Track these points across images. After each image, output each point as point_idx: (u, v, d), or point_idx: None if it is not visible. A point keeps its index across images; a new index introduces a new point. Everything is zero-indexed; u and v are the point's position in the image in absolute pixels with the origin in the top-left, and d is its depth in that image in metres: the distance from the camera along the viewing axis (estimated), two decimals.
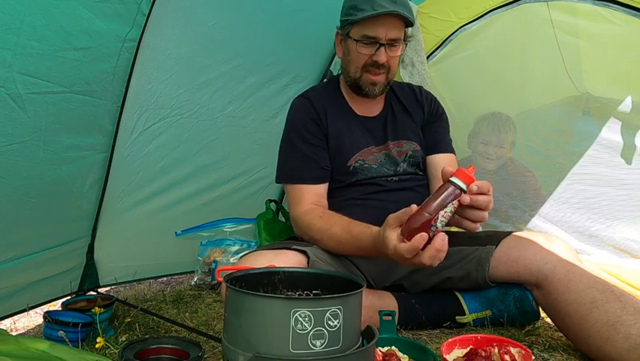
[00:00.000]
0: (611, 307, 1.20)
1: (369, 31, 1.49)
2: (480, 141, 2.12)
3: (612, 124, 1.76)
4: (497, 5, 1.96)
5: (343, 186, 1.58)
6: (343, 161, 1.57)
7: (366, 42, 1.50)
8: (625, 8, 1.66)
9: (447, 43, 2.11)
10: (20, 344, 1.05)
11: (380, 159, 1.59)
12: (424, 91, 1.73)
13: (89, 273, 2.04)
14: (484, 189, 1.09)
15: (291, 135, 1.60)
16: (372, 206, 1.54)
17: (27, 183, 1.60)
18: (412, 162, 1.61)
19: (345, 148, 1.58)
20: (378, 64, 1.51)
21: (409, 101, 1.68)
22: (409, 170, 1.60)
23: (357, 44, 1.51)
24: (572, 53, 1.79)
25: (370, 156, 1.59)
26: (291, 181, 1.57)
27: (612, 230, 1.77)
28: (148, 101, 1.93)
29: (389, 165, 1.59)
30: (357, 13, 1.48)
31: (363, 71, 1.54)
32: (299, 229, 1.53)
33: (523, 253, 1.40)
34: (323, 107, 1.61)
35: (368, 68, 1.53)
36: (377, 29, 1.48)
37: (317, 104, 1.61)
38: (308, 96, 1.65)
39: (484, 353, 1.14)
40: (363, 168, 1.57)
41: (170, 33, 1.85)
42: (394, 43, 1.51)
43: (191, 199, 2.28)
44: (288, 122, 1.64)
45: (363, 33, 1.50)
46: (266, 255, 1.33)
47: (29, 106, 1.46)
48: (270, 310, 0.89)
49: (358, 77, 1.55)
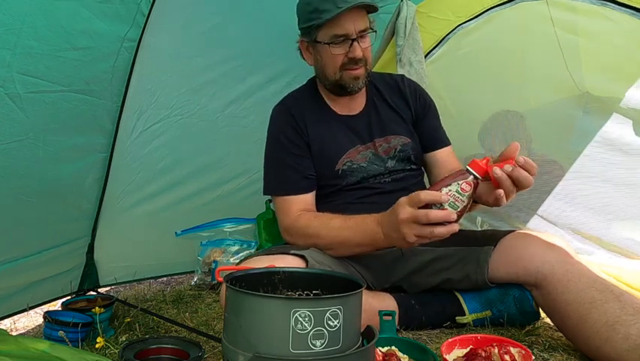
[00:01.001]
0: (610, 307, 1.19)
1: (337, 30, 1.46)
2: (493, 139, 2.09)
3: (612, 123, 1.76)
4: (495, 3, 1.95)
5: (335, 191, 1.56)
6: (331, 165, 1.55)
7: (338, 41, 1.47)
8: (623, 8, 1.65)
9: (445, 42, 2.11)
10: (20, 344, 1.05)
11: (368, 156, 1.57)
12: (406, 80, 1.70)
13: (89, 273, 2.04)
14: (529, 166, 1.12)
15: (273, 146, 1.58)
16: (366, 210, 1.53)
17: (27, 183, 1.60)
18: (402, 156, 1.58)
19: (330, 152, 1.55)
20: (355, 59, 1.49)
21: (391, 93, 1.65)
22: (399, 166, 1.58)
23: (329, 47, 1.48)
24: (571, 51, 1.79)
25: (358, 155, 1.56)
26: (278, 193, 1.54)
27: (612, 230, 1.77)
28: (148, 101, 1.93)
29: (378, 162, 1.57)
30: (322, 16, 1.44)
31: (342, 70, 1.51)
32: (293, 235, 1.49)
33: (521, 253, 1.40)
34: (302, 112, 1.58)
35: (346, 67, 1.50)
36: (345, 25, 1.45)
37: (295, 111, 1.58)
38: (286, 103, 1.62)
39: (484, 353, 1.14)
40: (352, 170, 1.55)
41: (170, 33, 1.85)
42: (364, 34, 1.49)
43: (192, 199, 2.28)
44: (269, 132, 1.61)
45: (332, 33, 1.46)
46: (264, 260, 1.32)
47: (28, 106, 1.46)
48: (270, 310, 0.89)
49: (339, 78, 1.52)
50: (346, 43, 1.47)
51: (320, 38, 1.49)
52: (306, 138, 1.56)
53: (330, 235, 1.40)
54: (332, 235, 1.40)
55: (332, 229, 1.40)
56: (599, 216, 1.80)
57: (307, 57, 1.60)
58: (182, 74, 1.98)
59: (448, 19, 2.08)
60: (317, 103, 1.62)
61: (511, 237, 1.46)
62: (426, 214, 1.12)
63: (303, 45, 1.58)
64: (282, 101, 1.65)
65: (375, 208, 1.41)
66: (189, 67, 2.00)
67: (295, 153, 1.54)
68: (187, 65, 1.99)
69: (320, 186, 1.57)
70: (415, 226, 1.15)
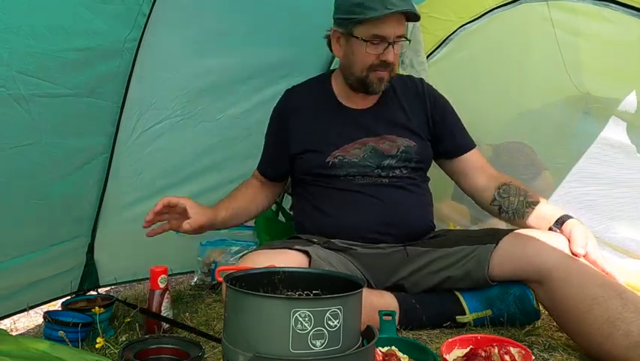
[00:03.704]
0: (612, 304, 1.20)
1: (378, 30, 1.46)
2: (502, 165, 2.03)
3: (613, 124, 1.76)
4: (497, 5, 1.95)
5: (322, 182, 1.58)
6: (321, 156, 1.57)
7: (375, 42, 1.47)
8: (624, 8, 1.65)
9: (447, 43, 2.11)
10: (20, 344, 1.05)
11: (364, 153, 1.57)
12: (425, 84, 1.72)
13: (89, 273, 2.04)
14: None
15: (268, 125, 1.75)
16: (364, 208, 1.54)
17: (27, 184, 1.60)
18: (404, 157, 1.59)
19: (321, 144, 1.58)
20: (386, 63, 1.50)
21: (407, 95, 1.66)
22: (397, 165, 1.58)
23: (365, 44, 1.48)
24: (572, 53, 1.79)
25: (352, 150, 1.57)
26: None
27: (612, 230, 1.77)
28: (148, 102, 1.92)
29: (373, 158, 1.56)
30: (366, 12, 1.43)
31: (370, 70, 1.51)
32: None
33: (525, 249, 1.40)
34: (304, 100, 1.65)
35: (375, 68, 1.51)
36: (387, 28, 1.46)
37: (296, 98, 1.70)
38: (294, 89, 1.73)
39: (484, 353, 1.14)
40: (342, 164, 1.56)
41: (171, 34, 1.85)
42: (399, 40, 1.50)
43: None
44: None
45: (372, 32, 1.46)
46: (266, 254, 1.33)
47: (30, 107, 1.46)
48: (270, 310, 0.89)
49: (365, 76, 1.53)
50: (382, 45, 1.48)
51: (357, 34, 1.48)
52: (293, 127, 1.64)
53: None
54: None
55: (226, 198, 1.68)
56: (599, 217, 1.80)
57: (336, 48, 1.59)
58: (182, 75, 1.98)
59: (449, 20, 2.08)
60: (324, 93, 1.63)
61: (514, 235, 1.46)
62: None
63: (334, 35, 1.57)
64: (293, 87, 1.74)
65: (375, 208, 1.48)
66: (190, 68, 2.00)
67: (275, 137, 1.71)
68: (188, 66, 1.98)
69: (310, 174, 1.61)
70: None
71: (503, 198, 1.59)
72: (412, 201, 1.59)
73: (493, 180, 1.63)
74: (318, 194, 1.61)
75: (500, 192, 1.60)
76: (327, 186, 1.58)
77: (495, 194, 1.60)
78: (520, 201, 1.56)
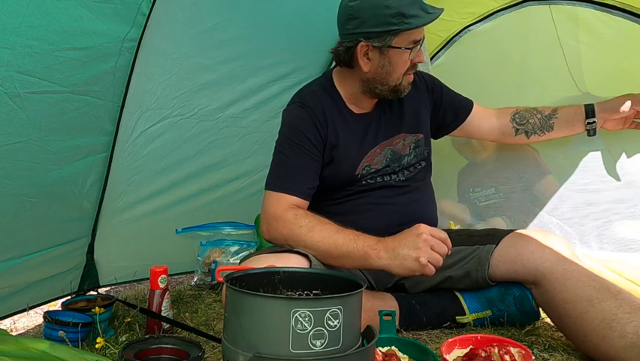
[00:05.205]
0: (607, 305, 1.20)
1: (418, 35, 1.43)
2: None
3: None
4: (501, 7, 1.96)
5: (351, 194, 1.54)
6: (351, 170, 1.52)
7: (411, 47, 1.44)
8: (625, 13, 1.67)
9: (451, 45, 2.11)
10: (20, 344, 1.05)
11: (385, 158, 1.55)
12: (424, 74, 1.72)
13: (89, 273, 2.04)
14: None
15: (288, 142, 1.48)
16: (382, 211, 1.53)
17: (27, 183, 1.60)
18: (418, 152, 1.59)
19: (352, 157, 1.52)
20: (416, 64, 1.50)
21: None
22: (413, 161, 1.58)
23: (407, 52, 1.43)
24: (573, 55, 1.80)
25: (376, 157, 1.54)
26: (277, 189, 1.45)
27: (612, 230, 1.77)
28: (148, 102, 1.92)
29: (394, 161, 1.55)
30: (411, 21, 1.38)
31: (404, 75, 1.49)
32: (277, 226, 1.39)
33: (521, 251, 1.41)
34: (323, 116, 1.50)
35: (408, 71, 1.49)
36: (422, 32, 1.46)
37: (318, 114, 1.49)
38: (307, 104, 1.51)
39: (484, 353, 1.14)
40: (370, 173, 1.53)
41: (171, 33, 1.85)
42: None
43: (192, 200, 2.28)
44: (286, 126, 1.52)
45: (412, 38, 1.43)
46: (267, 258, 1.31)
47: (29, 105, 1.45)
48: (270, 310, 0.89)
49: (399, 83, 1.48)
50: (416, 48, 1.45)
51: (398, 43, 1.41)
52: (325, 142, 1.48)
53: (321, 235, 1.33)
54: (322, 236, 1.33)
55: (325, 229, 1.33)
56: (599, 217, 1.80)
57: (363, 63, 1.45)
58: (182, 74, 1.98)
59: (453, 21, 2.08)
60: (335, 102, 1.54)
61: (512, 236, 1.47)
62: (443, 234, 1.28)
63: (362, 49, 1.43)
64: (302, 102, 1.52)
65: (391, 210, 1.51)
66: (190, 67, 2.00)
67: (308, 155, 1.47)
68: (187, 66, 1.98)
69: (338, 188, 1.53)
70: (432, 240, 1.25)
71: (524, 124, 1.68)
72: (424, 201, 1.60)
73: (502, 116, 1.72)
74: (337, 199, 1.57)
75: (517, 120, 1.69)
76: (350, 192, 1.55)
77: (514, 124, 1.70)
78: (540, 118, 1.66)
